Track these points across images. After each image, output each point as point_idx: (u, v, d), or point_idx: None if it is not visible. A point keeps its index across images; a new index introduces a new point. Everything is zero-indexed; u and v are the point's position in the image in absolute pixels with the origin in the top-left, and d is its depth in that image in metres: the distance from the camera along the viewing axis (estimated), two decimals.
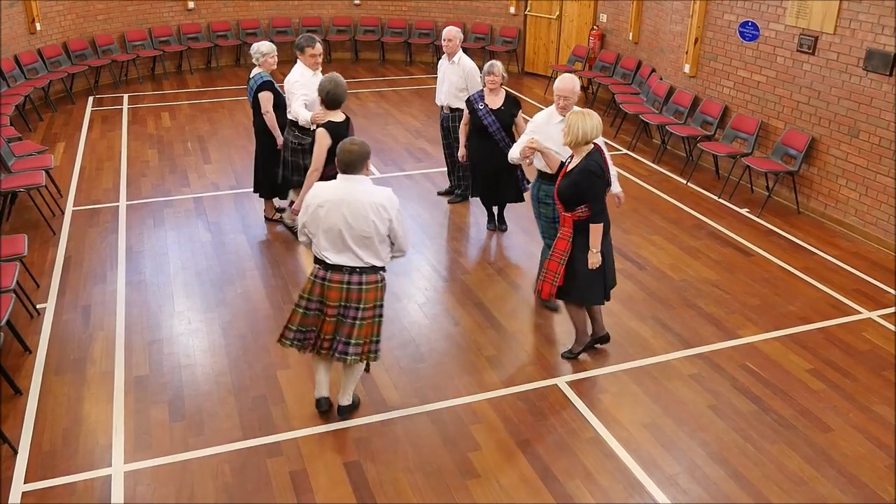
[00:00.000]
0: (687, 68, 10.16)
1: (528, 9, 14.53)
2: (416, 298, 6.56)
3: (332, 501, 4.41)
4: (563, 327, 6.19)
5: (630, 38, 12.22)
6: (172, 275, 6.90)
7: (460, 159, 7.66)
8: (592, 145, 5.21)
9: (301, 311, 4.72)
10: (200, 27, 14.54)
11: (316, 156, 5.98)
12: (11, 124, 9.60)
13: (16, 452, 4.72)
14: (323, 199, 4.53)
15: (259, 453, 4.75)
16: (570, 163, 5.32)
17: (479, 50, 14.60)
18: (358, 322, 4.65)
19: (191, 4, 14.38)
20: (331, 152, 5.78)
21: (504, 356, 5.80)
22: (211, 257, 7.22)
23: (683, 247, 7.49)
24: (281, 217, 7.97)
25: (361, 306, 4.63)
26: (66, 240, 7.55)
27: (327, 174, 5.69)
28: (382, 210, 4.50)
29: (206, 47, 14.55)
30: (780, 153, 8.65)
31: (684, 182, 9.37)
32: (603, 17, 13.10)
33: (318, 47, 7.06)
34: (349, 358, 4.69)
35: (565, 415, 5.16)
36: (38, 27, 12.02)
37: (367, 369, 5.08)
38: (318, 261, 4.66)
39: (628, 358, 5.80)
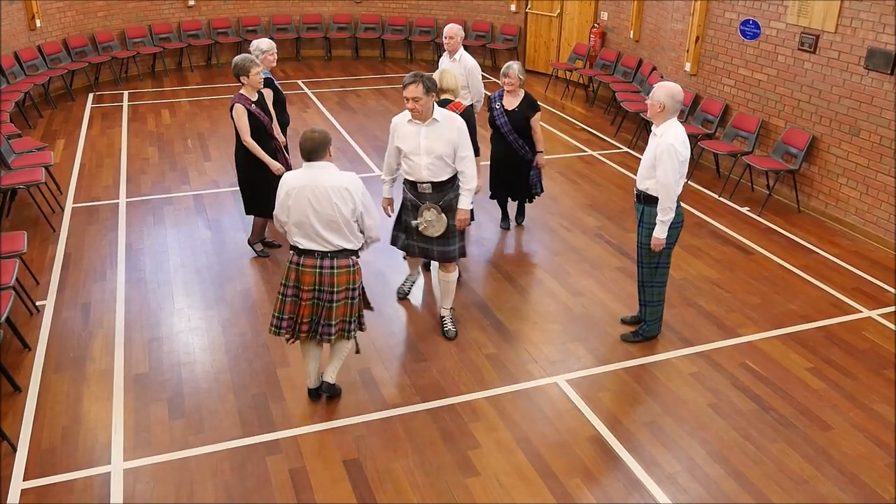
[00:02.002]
0: (688, 66, 10.15)
1: (529, 6, 14.52)
2: (415, 297, 6.55)
3: (332, 499, 4.41)
4: (563, 325, 6.19)
5: (631, 36, 12.21)
6: (172, 272, 6.89)
7: None
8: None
9: (281, 297, 4.90)
10: (201, 24, 14.52)
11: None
12: (11, 121, 9.59)
13: (15, 450, 4.71)
14: (289, 186, 4.72)
15: (259, 451, 4.75)
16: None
17: (479, 48, 14.59)
18: (334, 304, 4.83)
19: (191, 2, 14.36)
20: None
21: (504, 354, 5.79)
22: (211, 255, 7.22)
23: (684, 245, 7.48)
24: None
25: (335, 289, 4.81)
26: (66, 237, 7.54)
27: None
28: (346, 192, 4.68)
29: (206, 44, 14.53)
30: (781, 152, 8.65)
31: (685, 180, 9.34)
32: (604, 15, 13.09)
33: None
34: (331, 338, 4.91)
35: (565, 413, 5.15)
36: (39, 24, 12.01)
37: (357, 350, 5.22)
38: (292, 247, 4.84)
39: (628, 356, 5.80)
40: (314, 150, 4.68)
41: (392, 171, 5.85)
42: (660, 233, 5.48)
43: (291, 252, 4.85)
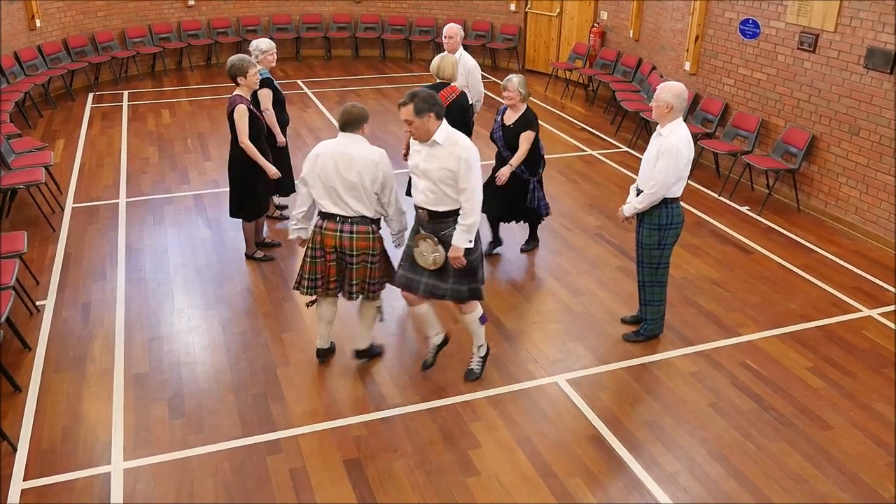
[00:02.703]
0: (688, 66, 10.15)
1: (529, 6, 14.52)
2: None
3: (332, 499, 4.41)
4: (563, 325, 6.19)
5: (631, 35, 12.21)
6: (172, 272, 6.89)
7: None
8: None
9: (309, 260, 5.26)
10: (201, 24, 14.52)
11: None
12: (11, 121, 9.60)
13: (15, 449, 4.71)
14: (321, 150, 5.10)
15: (259, 451, 4.75)
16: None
17: (479, 47, 14.59)
18: (355, 267, 5.19)
19: (191, 1, 14.37)
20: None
21: (504, 354, 5.79)
22: (211, 254, 7.22)
23: (684, 244, 7.48)
24: (281, 213, 7.96)
25: (354, 253, 5.14)
26: (66, 237, 7.54)
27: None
28: (372, 165, 4.98)
29: (206, 44, 14.53)
30: (781, 151, 8.65)
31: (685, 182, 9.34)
32: (603, 15, 13.09)
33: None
34: (353, 296, 5.28)
35: (565, 413, 5.15)
36: (38, 24, 12.01)
37: (381, 319, 5.56)
38: (319, 212, 5.22)
39: (629, 356, 5.80)
40: (350, 122, 5.06)
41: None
42: (627, 210, 5.64)
43: (317, 216, 5.24)
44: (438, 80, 6.70)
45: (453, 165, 4.79)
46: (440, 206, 4.93)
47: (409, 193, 5.82)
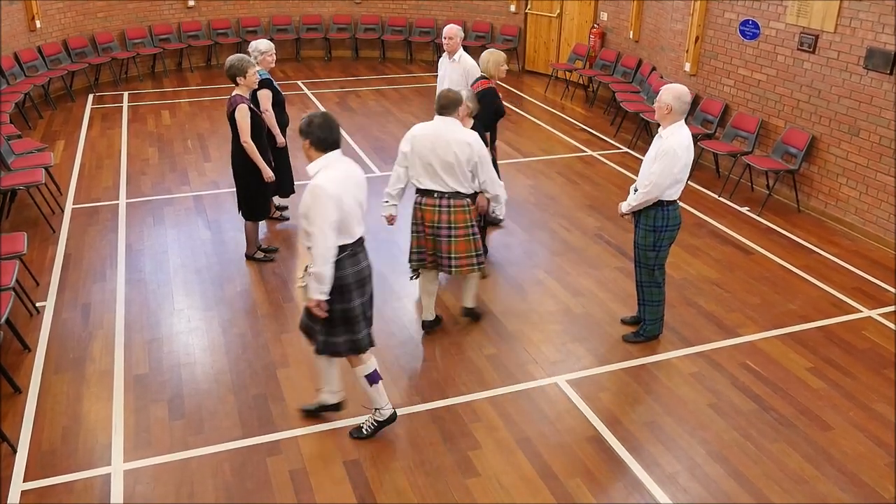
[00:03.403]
0: (687, 67, 10.15)
1: (529, 7, 14.52)
2: (416, 296, 6.54)
3: (332, 500, 4.40)
4: (563, 325, 6.19)
5: (631, 36, 12.21)
6: (172, 273, 6.89)
7: None
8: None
9: (413, 235, 5.67)
10: (201, 25, 14.52)
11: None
12: (11, 122, 9.59)
13: (15, 451, 4.71)
14: (418, 132, 5.52)
15: (259, 452, 4.75)
16: None
17: (479, 48, 14.52)
18: (453, 240, 5.56)
19: (191, 2, 14.37)
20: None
21: (504, 354, 5.79)
22: (210, 255, 7.22)
23: (683, 245, 7.48)
24: (281, 214, 7.96)
25: (452, 226, 5.54)
26: (66, 238, 7.54)
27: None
28: (466, 146, 5.41)
29: (206, 45, 14.53)
30: (781, 152, 8.65)
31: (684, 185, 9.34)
32: (603, 16, 13.09)
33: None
34: (453, 271, 5.62)
35: (565, 413, 5.15)
36: (39, 25, 12.01)
37: (484, 275, 6.25)
38: (417, 190, 5.59)
39: (628, 356, 5.80)
40: (447, 105, 5.47)
41: None
42: (624, 206, 5.68)
43: (416, 194, 5.60)
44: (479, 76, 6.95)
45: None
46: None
47: None
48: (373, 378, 4.73)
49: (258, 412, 5.10)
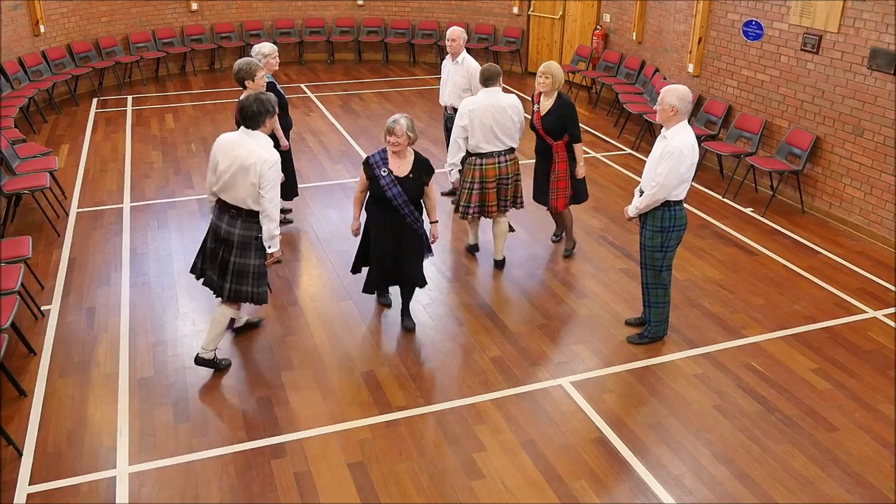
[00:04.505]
0: (691, 68, 10.15)
1: (532, 9, 14.53)
2: (420, 299, 6.55)
3: (337, 503, 4.41)
4: (567, 327, 6.19)
5: (633, 37, 12.21)
6: (176, 276, 6.90)
7: (353, 233, 6.00)
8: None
9: (467, 191, 6.73)
10: (204, 28, 14.55)
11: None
12: (16, 126, 9.62)
13: (20, 454, 4.72)
14: (473, 106, 6.51)
15: (263, 454, 4.75)
16: (541, 106, 6.75)
17: (482, 50, 14.60)
18: (511, 186, 6.80)
19: (194, 6, 14.41)
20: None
21: (508, 357, 5.79)
22: None
23: (688, 246, 7.48)
24: (285, 217, 7.97)
25: (510, 175, 6.75)
26: (71, 242, 7.56)
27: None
28: (515, 107, 6.61)
29: (209, 49, 14.56)
30: (785, 152, 8.64)
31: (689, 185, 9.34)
32: (606, 17, 13.09)
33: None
34: (507, 209, 6.90)
35: (570, 415, 5.15)
36: (42, 29, 12.05)
37: (511, 229, 7.26)
38: (473, 154, 6.66)
39: (633, 358, 5.79)
40: (491, 77, 6.55)
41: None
42: (630, 209, 5.66)
43: (472, 157, 6.66)
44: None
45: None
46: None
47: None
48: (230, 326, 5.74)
49: (262, 415, 5.10)
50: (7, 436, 4.76)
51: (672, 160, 5.28)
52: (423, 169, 5.74)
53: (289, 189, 7.57)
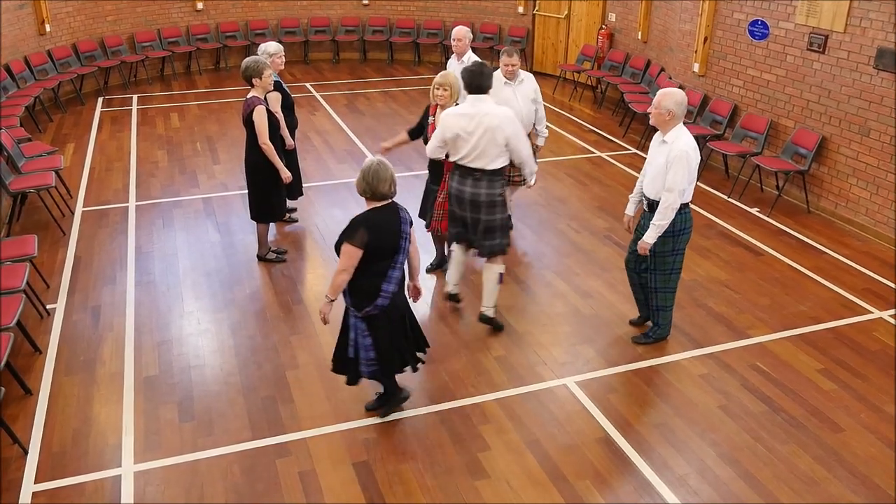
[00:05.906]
0: (696, 67, 10.13)
1: (537, 8, 14.51)
2: (424, 298, 6.54)
3: (341, 502, 4.41)
4: (572, 327, 6.18)
5: (639, 37, 12.19)
6: (182, 275, 6.91)
7: None
8: None
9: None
10: (209, 28, 14.57)
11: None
12: (21, 125, 9.66)
13: (26, 452, 4.74)
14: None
15: (268, 453, 4.76)
16: (436, 119, 6.17)
17: (487, 50, 14.59)
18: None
19: (199, 5, 14.42)
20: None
21: (513, 356, 5.79)
22: (220, 258, 7.24)
23: (693, 246, 7.45)
24: (290, 216, 7.98)
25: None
26: (76, 240, 7.58)
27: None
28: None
29: (214, 48, 14.58)
30: (790, 152, 8.62)
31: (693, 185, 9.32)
32: (612, 17, 13.07)
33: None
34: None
35: (574, 415, 5.14)
36: (48, 28, 12.08)
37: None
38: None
39: (638, 358, 5.79)
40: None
41: None
42: (650, 237, 5.48)
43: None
44: None
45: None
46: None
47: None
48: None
49: (268, 414, 5.11)
50: (13, 434, 4.77)
51: (681, 164, 5.25)
52: None
53: (294, 188, 7.57)
